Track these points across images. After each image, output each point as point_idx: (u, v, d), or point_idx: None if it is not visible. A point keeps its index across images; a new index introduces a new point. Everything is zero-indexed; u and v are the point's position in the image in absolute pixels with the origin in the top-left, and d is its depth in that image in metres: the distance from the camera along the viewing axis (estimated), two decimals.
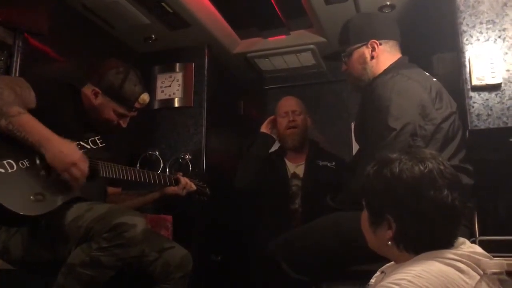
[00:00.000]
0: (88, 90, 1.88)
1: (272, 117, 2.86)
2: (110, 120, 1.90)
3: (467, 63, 1.90)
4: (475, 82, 1.87)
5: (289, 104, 2.79)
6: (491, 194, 1.93)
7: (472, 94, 1.87)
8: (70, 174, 1.58)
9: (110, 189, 2.04)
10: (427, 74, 1.88)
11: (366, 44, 1.92)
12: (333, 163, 2.74)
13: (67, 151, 1.58)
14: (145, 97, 1.92)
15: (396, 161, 1.12)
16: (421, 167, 1.08)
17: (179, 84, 2.97)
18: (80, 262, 1.55)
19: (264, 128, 2.83)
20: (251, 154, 2.79)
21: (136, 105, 1.91)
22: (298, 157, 2.79)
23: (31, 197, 1.57)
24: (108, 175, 1.80)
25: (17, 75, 2.06)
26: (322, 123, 3.41)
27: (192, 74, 2.96)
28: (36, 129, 1.56)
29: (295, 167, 2.77)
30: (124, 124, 1.94)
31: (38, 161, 1.61)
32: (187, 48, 2.97)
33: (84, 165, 1.61)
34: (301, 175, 2.73)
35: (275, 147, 2.91)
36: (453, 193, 1.06)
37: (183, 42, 2.92)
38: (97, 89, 1.86)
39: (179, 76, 2.99)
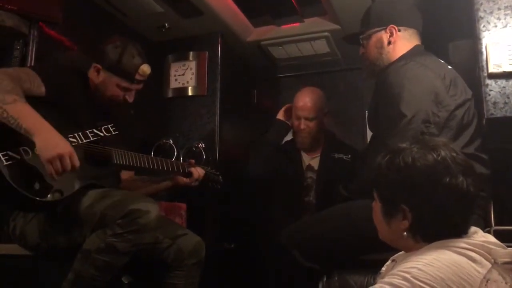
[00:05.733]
0: (91, 70, 1.89)
1: (288, 105, 2.81)
2: (116, 96, 1.89)
3: (483, 50, 1.86)
4: (491, 69, 1.83)
5: (303, 107, 2.65)
6: (507, 183, 1.90)
7: (488, 81, 1.83)
8: (52, 166, 1.51)
9: (124, 174, 2.06)
10: (442, 61, 1.86)
11: (385, 29, 1.92)
12: (349, 156, 2.70)
13: (56, 142, 1.53)
14: (145, 68, 1.90)
15: (407, 150, 1.10)
16: (434, 155, 1.07)
17: (193, 73, 2.97)
18: (95, 248, 1.58)
19: (280, 116, 2.80)
20: (265, 140, 2.76)
21: (137, 77, 1.89)
22: (314, 148, 2.77)
23: (47, 183, 1.60)
24: (121, 162, 1.82)
25: (32, 63, 2.09)
26: (336, 111, 3.38)
27: (205, 63, 2.95)
28: (30, 117, 1.54)
29: (310, 159, 2.75)
30: (130, 98, 1.92)
31: None
32: (200, 36, 2.97)
33: (70, 160, 1.54)
34: (316, 168, 2.71)
35: (290, 135, 2.88)
36: (467, 179, 1.05)
37: (196, 31, 2.91)
38: (98, 66, 1.86)
39: (192, 64, 2.99)
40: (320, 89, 2.82)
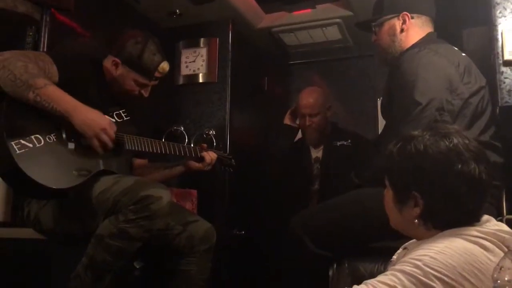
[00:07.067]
0: (108, 62, 1.89)
1: (292, 108, 2.94)
2: (132, 90, 1.90)
3: (499, 36, 1.83)
4: (507, 56, 1.81)
5: (306, 105, 2.80)
6: None
7: (503, 69, 1.81)
8: (99, 140, 1.66)
9: (137, 161, 2.06)
10: (456, 49, 1.83)
11: (397, 16, 1.90)
12: (349, 141, 2.81)
13: (95, 118, 1.66)
14: (164, 65, 1.90)
15: (420, 137, 1.09)
16: (446, 142, 1.06)
17: (204, 60, 2.96)
18: (108, 234, 1.60)
19: (286, 120, 2.91)
20: (279, 147, 2.92)
21: (156, 74, 1.90)
22: (320, 141, 2.88)
23: (60, 170, 1.62)
24: (133, 148, 1.82)
25: (45, 50, 2.09)
26: (347, 99, 3.37)
27: (216, 49, 2.94)
28: (63, 99, 1.60)
29: (317, 152, 2.88)
30: (146, 93, 1.94)
31: (64, 135, 1.65)
32: (211, 22, 2.96)
33: (112, 131, 1.69)
34: (321, 158, 2.85)
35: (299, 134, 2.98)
36: (479, 166, 1.04)
37: (207, 17, 2.90)
38: (117, 60, 1.86)
39: (203, 51, 2.98)
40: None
